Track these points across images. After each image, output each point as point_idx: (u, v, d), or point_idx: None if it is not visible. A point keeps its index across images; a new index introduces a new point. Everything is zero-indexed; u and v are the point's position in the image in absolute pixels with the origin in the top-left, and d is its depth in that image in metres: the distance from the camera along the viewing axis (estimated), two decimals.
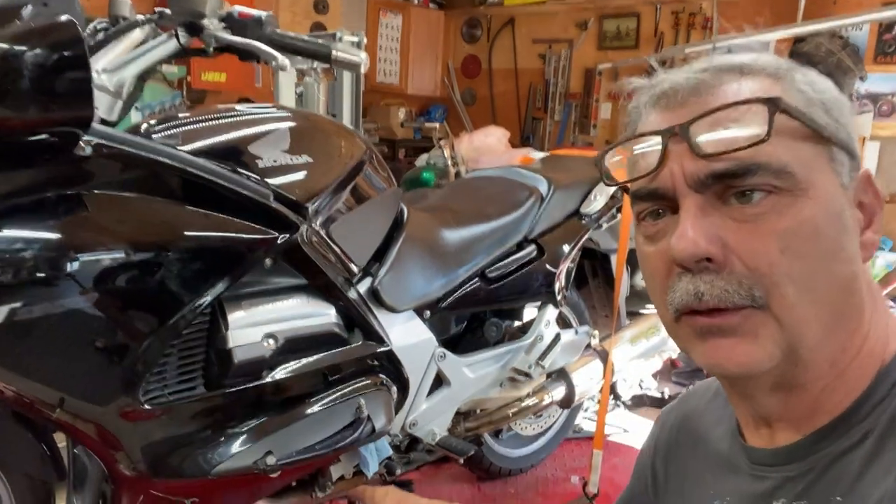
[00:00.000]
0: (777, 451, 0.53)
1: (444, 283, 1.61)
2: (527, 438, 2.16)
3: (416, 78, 5.79)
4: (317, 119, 1.51)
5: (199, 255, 1.11)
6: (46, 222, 0.99)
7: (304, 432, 1.24)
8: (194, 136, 1.21)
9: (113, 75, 1.15)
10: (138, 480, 1.17)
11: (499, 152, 3.89)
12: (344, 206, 1.38)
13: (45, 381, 1.04)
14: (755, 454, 0.56)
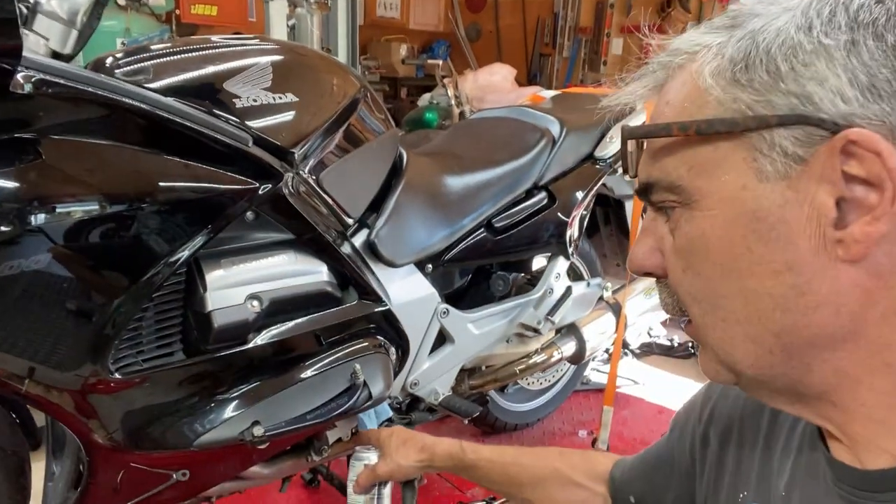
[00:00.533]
0: (869, 476, 0.43)
1: (447, 235, 1.48)
2: (533, 393, 2.09)
3: (418, 12, 5.53)
4: (304, 52, 1.35)
5: (170, 206, 0.99)
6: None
7: (294, 400, 1.14)
8: (163, 72, 1.06)
9: (63, 1, 0.99)
10: (116, 452, 1.09)
11: (505, 91, 3.70)
12: (336, 151, 1.24)
13: (10, 350, 0.94)
14: (842, 472, 0.46)
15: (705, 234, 0.43)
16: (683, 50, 0.46)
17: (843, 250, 0.39)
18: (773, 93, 0.40)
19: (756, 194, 0.41)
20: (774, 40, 0.40)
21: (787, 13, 0.41)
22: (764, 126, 0.40)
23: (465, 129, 1.91)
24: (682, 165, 0.44)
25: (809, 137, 0.39)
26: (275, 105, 1.11)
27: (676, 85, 0.45)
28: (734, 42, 0.42)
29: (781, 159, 0.40)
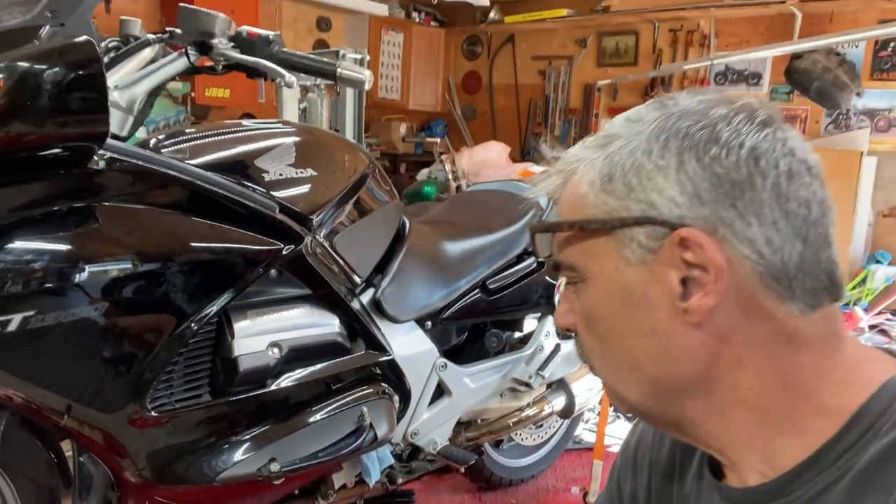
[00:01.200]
0: (748, 492, 0.54)
1: (445, 295, 1.63)
2: (527, 449, 2.18)
3: (417, 94, 5.86)
4: (321, 134, 1.55)
5: (207, 265, 1.14)
6: (58, 233, 1.02)
7: (307, 440, 1.26)
8: (202, 150, 1.24)
9: (124, 92, 1.19)
10: (144, 487, 1.20)
11: (499, 166, 3.93)
12: (347, 219, 1.41)
13: (53, 388, 1.07)
14: (726, 492, 0.57)
15: (595, 305, 0.55)
16: (569, 162, 0.57)
17: (688, 317, 0.51)
18: (628, 200, 0.52)
19: (625, 275, 0.52)
20: (628, 160, 0.52)
21: (638, 137, 0.53)
22: (624, 225, 0.52)
23: (462, 199, 2.10)
24: (576, 251, 0.55)
25: (656, 233, 0.51)
26: (297, 178, 1.29)
27: (568, 188, 0.57)
28: (601, 160, 0.54)
29: (639, 250, 0.51)
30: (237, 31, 1.23)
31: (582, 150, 0.57)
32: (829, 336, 0.52)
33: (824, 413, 0.50)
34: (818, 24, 4.61)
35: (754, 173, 0.49)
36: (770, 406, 0.51)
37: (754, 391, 0.51)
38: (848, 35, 4.06)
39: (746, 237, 0.49)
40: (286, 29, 4.94)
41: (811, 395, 0.51)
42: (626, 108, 2.19)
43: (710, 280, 0.49)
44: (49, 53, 0.86)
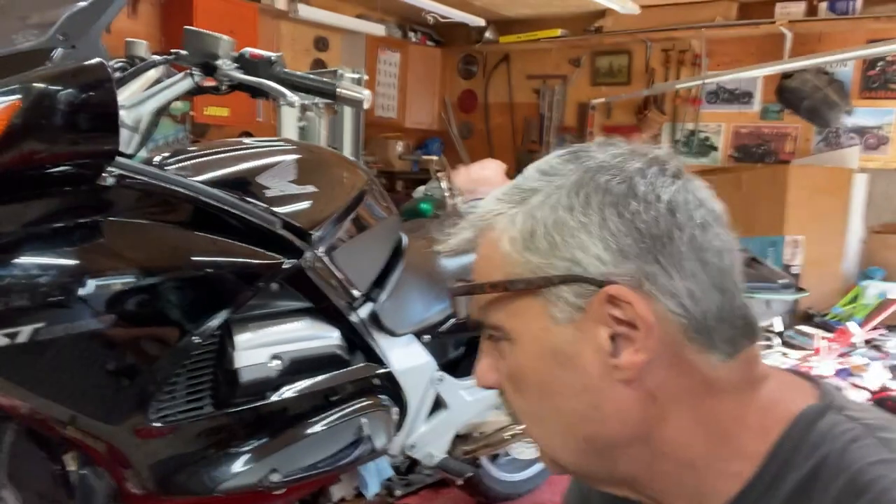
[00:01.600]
0: None
1: (442, 308, 1.66)
2: (524, 463, 2.19)
3: (413, 112, 5.92)
4: (321, 151, 1.59)
5: (210, 279, 1.18)
6: (67, 248, 1.05)
7: (307, 450, 1.28)
8: (206, 168, 1.28)
9: (131, 111, 1.22)
10: (146, 498, 1.22)
11: (496, 184, 3.96)
12: (346, 234, 1.44)
13: (58, 399, 1.09)
14: None
15: (523, 365, 0.53)
16: (483, 216, 0.55)
17: (619, 374, 0.50)
18: (553, 257, 0.50)
19: (553, 334, 0.51)
20: (549, 216, 0.51)
21: (558, 191, 0.51)
22: (549, 284, 0.50)
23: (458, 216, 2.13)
24: (500, 311, 0.53)
25: (584, 291, 0.49)
26: (298, 195, 1.32)
27: (485, 244, 0.54)
28: (521, 216, 0.52)
29: (567, 308, 0.50)
30: (240, 53, 1.27)
31: (496, 204, 0.55)
32: (747, 379, 0.52)
33: (744, 456, 0.51)
34: (808, 43, 4.69)
35: (672, 226, 0.49)
36: (693, 457, 0.52)
37: (677, 444, 0.51)
38: (837, 55, 4.14)
39: (670, 291, 0.49)
40: (284, 49, 5.00)
41: (731, 441, 0.51)
42: (620, 127, 2.31)
43: (640, 336, 0.49)
44: (63, 75, 0.89)
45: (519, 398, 0.55)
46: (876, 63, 4.61)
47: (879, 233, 4.68)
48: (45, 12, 1.07)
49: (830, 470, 0.48)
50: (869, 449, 0.48)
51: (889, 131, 4.64)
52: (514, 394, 0.55)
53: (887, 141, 4.65)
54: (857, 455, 0.48)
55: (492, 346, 0.56)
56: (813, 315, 4.17)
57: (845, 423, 0.50)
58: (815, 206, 4.32)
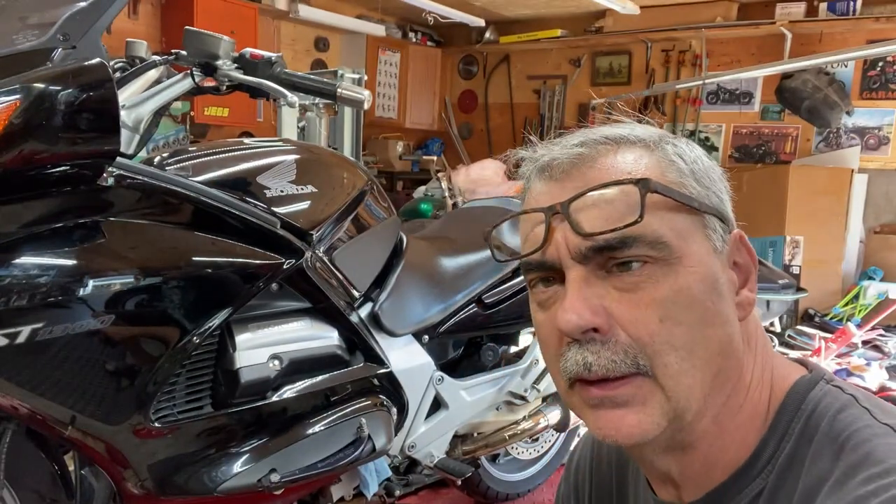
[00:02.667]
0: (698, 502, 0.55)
1: (441, 309, 1.66)
2: (523, 463, 2.19)
3: (413, 112, 5.92)
4: (321, 151, 1.58)
5: (210, 279, 1.18)
6: (67, 248, 1.05)
7: (306, 450, 1.28)
8: (206, 168, 1.28)
9: (131, 112, 1.22)
10: (145, 498, 1.21)
11: (495, 184, 3.98)
12: (346, 234, 1.44)
13: (58, 399, 1.09)
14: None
15: (690, 288, 0.49)
16: (624, 137, 0.54)
17: (740, 311, 0.53)
18: (709, 192, 0.53)
19: (712, 261, 0.52)
20: (701, 159, 0.55)
21: (691, 147, 0.56)
22: (712, 212, 0.52)
23: (458, 216, 2.14)
24: (664, 226, 0.50)
25: (724, 228, 0.53)
26: (298, 195, 1.32)
27: (635, 160, 0.52)
28: (686, 147, 0.55)
29: (719, 239, 0.52)
30: (240, 53, 1.27)
31: (624, 130, 0.55)
32: (757, 338, 0.56)
33: (756, 418, 0.53)
34: (808, 44, 4.70)
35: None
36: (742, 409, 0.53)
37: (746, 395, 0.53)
38: (837, 55, 4.14)
39: None
40: (285, 49, 5.01)
41: (749, 400, 0.53)
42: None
43: (748, 278, 0.54)
44: (64, 75, 0.89)
45: (670, 328, 0.49)
46: (876, 63, 4.61)
47: (879, 233, 4.68)
48: (45, 12, 1.07)
49: (821, 438, 0.50)
50: (855, 416, 0.50)
51: (889, 132, 4.64)
52: (660, 324, 0.49)
53: (887, 141, 4.65)
54: (845, 422, 0.50)
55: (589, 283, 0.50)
56: (813, 315, 4.18)
57: (835, 392, 0.52)
58: (815, 207, 4.33)
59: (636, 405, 0.49)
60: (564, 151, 0.54)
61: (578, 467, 0.72)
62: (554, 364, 0.53)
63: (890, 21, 4.37)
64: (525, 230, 0.56)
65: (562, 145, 0.55)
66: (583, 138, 0.54)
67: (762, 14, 4.84)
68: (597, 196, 0.50)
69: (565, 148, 0.54)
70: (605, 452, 0.69)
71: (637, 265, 0.49)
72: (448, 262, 1.73)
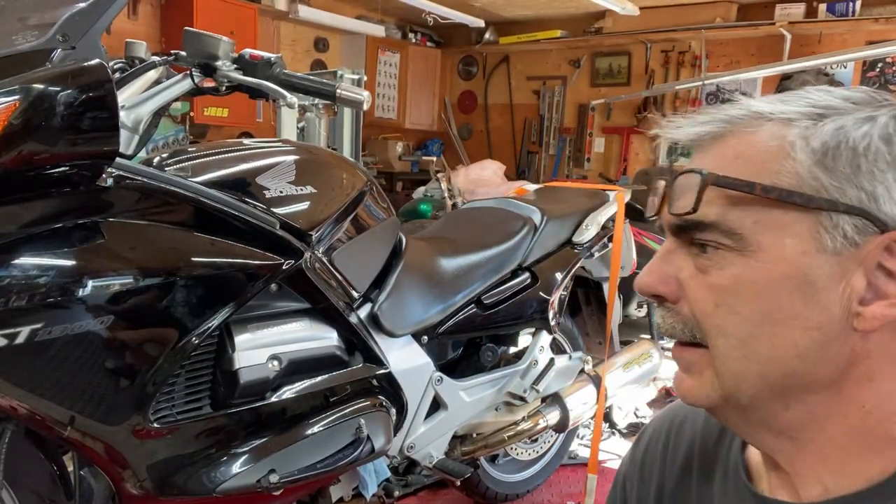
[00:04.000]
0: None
1: (441, 310, 1.67)
2: (523, 463, 2.20)
3: (413, 113, 5.93)
4: (320, 152, 1.58)
5: (209, 279, 1.18)
6: (66, 249, 1.05)
7: (306, 451, 1.28)
8: (205, 168, 1.28)
9: (130, 112, 1.22)
10: (144, 499, 1.21)
11: (494, 184, 3.98)
12: (345, 235, 1.45)
13: (57, 399, 1.09)
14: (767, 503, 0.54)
15: (756, 282, 0.48)
16: (756, 110, 0.50)
17: (860, 323, 0.47)
18: (849, 183, 0.46)
19: (812, 262, 0.47)
20: (861, 141, 0.47)
21: (869, 122, 0.48)
22: (833, 209, 0.46)
23: (458, 217, 2.14)
24: (747, 217, 0.48)
25: (865, 228, 0.46)
26: (297, 196, 1.32)
27: (753, 143, 0.49)
28: (826, 130, 0.48)
29: (841, 239, 0.46)
30: (240, 54, 1.27)
31: (779, 105, 0.50)
32: None
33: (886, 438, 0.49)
34: (807, 45, 4.70)
35: None
36: (870, 428, 0.49)
37: (865, 410, 0.49)
38: (836, 56, 4.14)
39: None
40: (284, 50, 5.01)
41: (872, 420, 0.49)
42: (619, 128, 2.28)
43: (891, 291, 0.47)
44: (63, 76, 0.89)
45: (724, 314, 0.49)
46: (875, 64, 4.61)
47: None
48: (45, 13, 1.07)
49: None
50: None
51: None
52: (715, 308, 0.50)
53: None
54: None
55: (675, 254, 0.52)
56: None
57: None
58: None
59: (694, 372, 0.52)
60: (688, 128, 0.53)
61: (648, 450, 0.70)
62: None
63: (889, 22, 4.38)
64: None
65: (700, 117, 0.53)
66: (728, 112, 0.52)
67: (762, 15, 4.85)
68: (684, 179, 0.51)
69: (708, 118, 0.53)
70: (686, 437, 0.67)
71: (711, 249, 0.50)
72: (447, 263, 1.73)
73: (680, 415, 0.69)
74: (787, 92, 0.53)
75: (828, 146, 0.47)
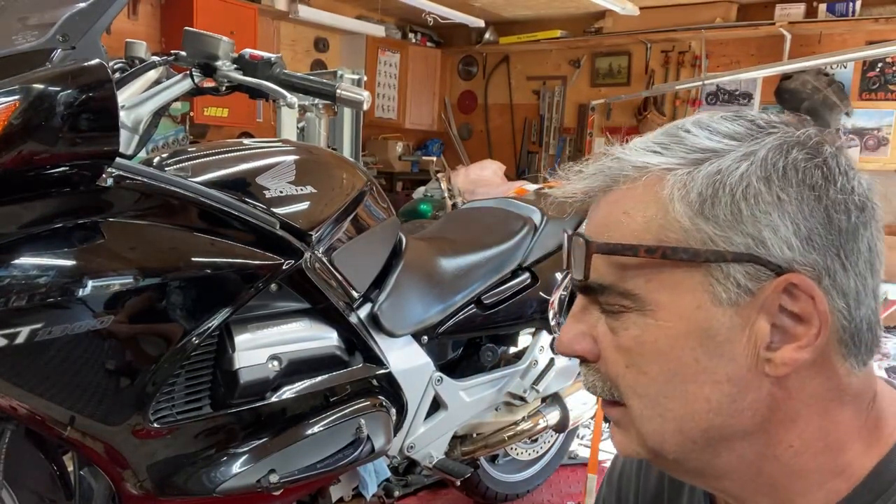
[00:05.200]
0: None
1: (441, 310, 1.66)
2: (523, 464, 2.20)
3: (413, 113, 5.93)
4: (320, 152, 1.59)
5: (209, 280, 1.18)
6: (66, 249, 1.05)
7: (306, 451, 1.28)
8: (205, 168, 1.28)
9: (130, 112, 1.22)
10: (144, 499, 1.22)
11: (494, 184, 3.99)
12: (345, 235, 1.45)
13: (57, 399, 1.09)
14: None
15: (657, 342, 0.47)
16: (634, 164, 0.48)
17: (770, 369, 0.46)
18: (733, 231, 0.44)
19: (708, 315, 0.45)
20: (738, 185, 0.45)
21: (746, 160, 0.45)
22: (721, 259, 0.45)
23: (458, 217, 2.14)
24: (639, 277, 0.46)
25: (758, 274, 0.44)
26: (297, 196, 1.32)
27: (635, 198, 0.47)
28: (702, 177, 0.46)
29: (734, 289, 0.45)
30: (240, 54, 1.27)
31: (653, 157, 0.48)
32: (867, 392, 0.49)
33: (846, 473, 0.48)
34: (807, 45, 4.71)
35: (859, 223, 0.46)
36: (802, 466, 0.49)
37: (794, 450, 0.48)
38: (837, 56, 4.14)
39: (843, 290, 0.46)
40: (284, 50, 5.01)
41: (840, 455, 0.48)
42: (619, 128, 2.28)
43: (806, 333, 0.45)
44: (63, 76, 0.89)
45: (634, 375, 0.49)
46: (875, 64, 4.62)
47: None
48: (45, 13, 1.07)
49: None
50: None
51: (888, 133, 4.65)
52: (626, 369, 0.49)
53: (886, 142, 4.66)
54: None
55: (588, 312, 0.51)
56: None
57: None
58: None
59: (621, 428, 0.52)
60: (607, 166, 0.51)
61: (623, 471, 0.70)
62: None
63: (889, 22, 4.38)
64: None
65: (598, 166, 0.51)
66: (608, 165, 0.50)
67: (762, 15, 4.85)
68: (574, 243, 0.50)
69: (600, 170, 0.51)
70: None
71: (616, 310, 0.49)
72: (447, 263, 1.73)
73: None
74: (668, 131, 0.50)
75: (705, 195, 0.45)
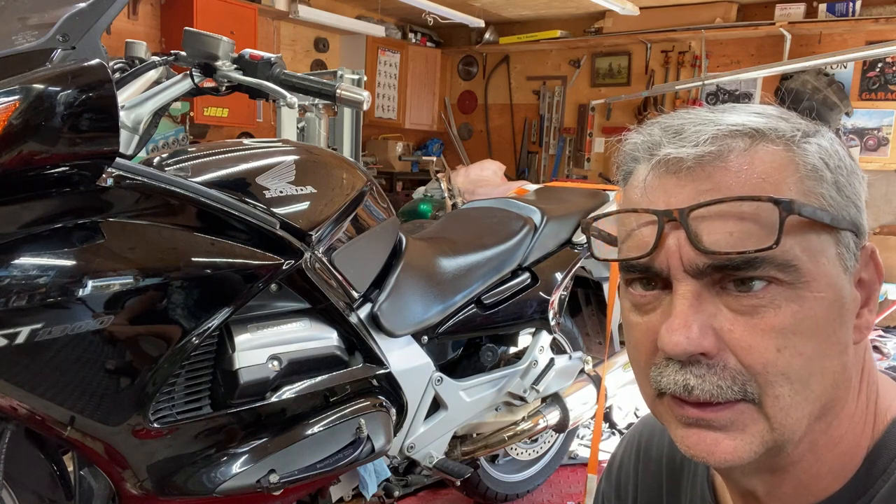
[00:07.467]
0: None
1: (441, 310, 1.66)
2: (523, 464, 2.20)
3: (413, 113, 5.93)
4: (320, 152, 1.58)
5: (209, 280, 1.18)
6: (66, 249, 1.05)
7: (305, 451, 1.28)
8: (205, 168, 1.28)
9: (130, 112, 1.22)
10: (144, 499, 1.21)
11: (494, 184, 3.98)
12: (345, 235, 1.45)
13: (57, 399, 1.09)
14: None
15: (815, 316, 0.43)
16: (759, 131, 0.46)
17: (857, 334, 0.46)
18: (849, 201, 0.46)
19: (843, 283, 0.45)
20: (846, 159, 0.46)
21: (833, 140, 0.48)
22: (849, 227, 0.45)
23: (457, 217, 2.14)
24: (797, 246, 0.43)
25: (857, 243, 0.46)
26: (297, 196, 1.32)
27: (776, 163, 0.45)
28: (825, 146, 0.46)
29: (851, 257, 0.46)
30: (240, 54, 1.27)
31: (784, 123, 0.47)
32: (869, 363, 0.50)
33: (856, 451, 0.48)
34: (807, 45, 4.70)
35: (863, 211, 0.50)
36: (840, 438, 0.48)
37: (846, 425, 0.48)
38: (836, 56, 4.14)
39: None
40: (284, 50, 5.01)
41: (851, 431, 0.48)
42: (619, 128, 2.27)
43: (871, 297, 0.47)
44: (63, 76, 0.89)
45: (788, 358, 0.43)
46: (875, 64, 4.61)
47: (878, 234, 4.68)
48: (45, 13, 1.07)
49: None
50: None
51: (888, 133, 4.65)
52: (777, 354, 0.43)
53: (886, 142, 4.66)
54: None
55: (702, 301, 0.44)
56: None
57: None
58: None
59: (735, 431, 0.45)
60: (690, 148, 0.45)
61: (622, 466, 0.68)
62: (643, 370, 0.48)
63: (889, 22, 4.38)
64: (628, 225, 0.48)
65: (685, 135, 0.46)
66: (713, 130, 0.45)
67: (761, 15, 4.85)
68: (725, 208, 0.43)
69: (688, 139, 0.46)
70: (654, 454, 0.64)
71: (759, 285, 0.43)
72: (447, 263, 1.73)
73: (646, 433, 0.68)
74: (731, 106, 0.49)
75: (838, 163, 0.46)
